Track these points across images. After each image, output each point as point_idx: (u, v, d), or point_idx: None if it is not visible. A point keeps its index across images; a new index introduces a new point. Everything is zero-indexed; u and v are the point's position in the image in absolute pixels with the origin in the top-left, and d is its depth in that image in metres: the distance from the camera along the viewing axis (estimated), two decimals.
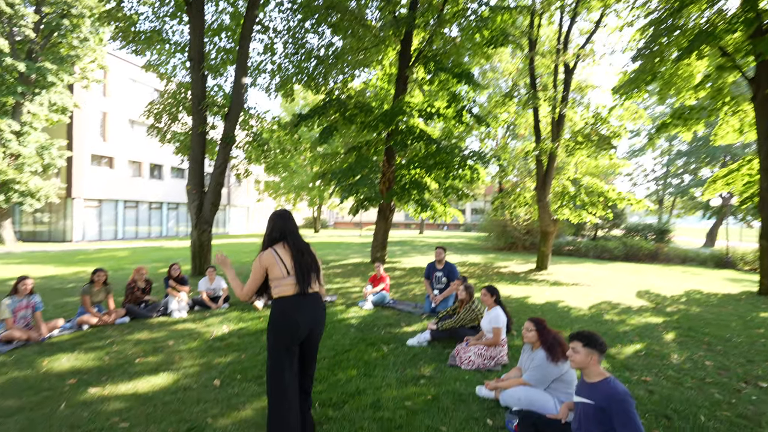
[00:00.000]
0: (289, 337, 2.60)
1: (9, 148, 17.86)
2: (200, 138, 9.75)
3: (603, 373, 2.55)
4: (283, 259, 2.68)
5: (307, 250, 2.79)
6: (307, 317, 2.65)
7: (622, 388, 2.44)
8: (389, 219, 12.91)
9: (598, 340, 2.56)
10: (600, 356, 2.55)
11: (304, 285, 2.65)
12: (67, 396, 3.46)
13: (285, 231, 2.77)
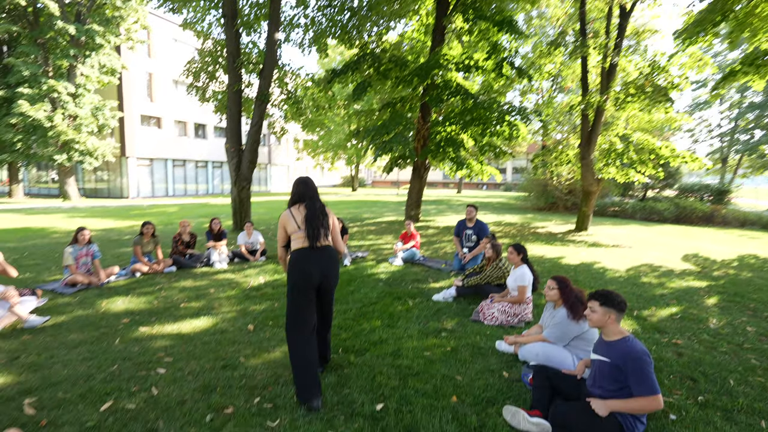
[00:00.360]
0: (302, 283, 2.85)
1: (67, 109, 19.02)
2: (236, 96, 9.90)
3: (622, 332, 2.51)
4: (296, 217, 2.99)
5: (321, 210, 3.04)
6: (317, 267, 2.90)
7: (641, 347, 2.40)
8: (424, 177, 12.77)
9: (615, 300, 2.49)
10: (618, 315, 2.49)
11: (313, 239, 2.92)
12: (121, 333, 3.87)
13: (303, 194, 3.08)
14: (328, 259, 2.98)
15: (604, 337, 2.59)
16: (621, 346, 2.43)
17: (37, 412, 2.55)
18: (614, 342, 2.49)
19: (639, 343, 2.43)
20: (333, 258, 3.03)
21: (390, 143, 10.37)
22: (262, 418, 2.52)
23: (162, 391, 2.81)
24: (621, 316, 2.51)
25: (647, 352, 2.39)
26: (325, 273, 2.93)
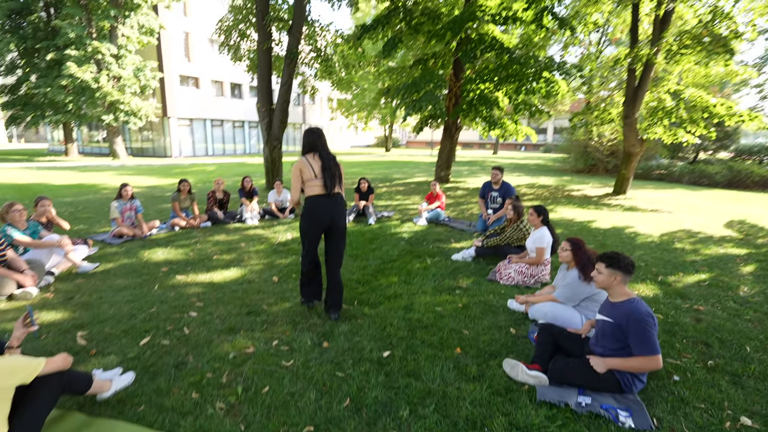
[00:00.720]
0: (315, 226, 3.27)
1: (111, 70, 19.75)
2: (266, 55, 9.91)
3: (628, 293, 2.51)
4: (312, 166, 3.22)
5: (333, 161, 3.28)
6: (328, 212, 3.25)
7: (645, 308, 2.40)
8: (455, 137, 12.50)
9: (621, 261, 2.47)
10: (624, 277, 2.48)
11: (329, 187, 3.21)
12: (160, 280, 4.26)
13: (316, 144, 3.30)
14: (338, 206, 3.30)
15: (610, 299, 2.60)
16: (625, 307, 2.44)
17: (88, 343, 2.93)
18: (619, 303, 2.50)
19: (644, 304, 2.43)
20: (342, 204, 3.35)
21: (420, 102, 10.15)
22: (278, 358, 2.77)
23: (192, 331, 3.13)
24: (628, 278, 2.50)
25: (651, 313, 2.39)
26: (335, 218, 3.28)
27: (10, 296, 3.70)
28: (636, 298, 2.48)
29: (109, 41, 19.94)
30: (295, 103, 37.92)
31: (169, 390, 2.40)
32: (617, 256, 2.52)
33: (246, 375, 2.57)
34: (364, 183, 7.59)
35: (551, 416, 2.23)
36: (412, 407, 2.29)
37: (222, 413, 2.22)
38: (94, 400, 2.29)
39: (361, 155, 32.33)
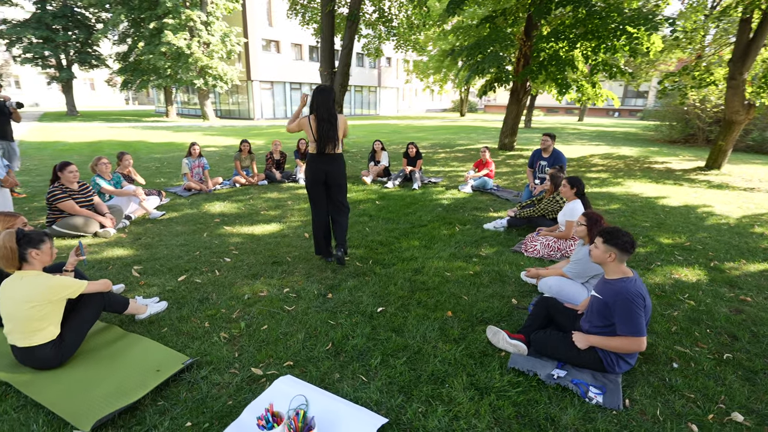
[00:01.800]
0: (312, 180, 3.67)
1: (201, 37, 21.38)
2: (329, 18, 10.04)
3: (624, 272, 2.38)
4: (312, 126, 3.53)
5: (330, 122, 3.50)
6: (323, 169, 3.62)
7: (635, 288, 2.27)
8: (523, 101, 11.75)
9: (619, 239, 2.34)
10: (620, 254, 2.35)
11: (321, 147, 3.54)
12: (210, 229, 4.85)
13: (318, 103, 3.49)
14: (333, 162, 3.62)
15: (605, 275, 2.50)
16: (617, 285, 2.33)
17: (140, 276, 3.53)
18: (612, 281, 2.40)
19: (637, 285, 2.30)
20: (337, 161, 3.65)
21: (483, 64, 9.64)
22: (284, 303, 3.11)
23: (222, 274, 3.60)
24: (624, 257, 2.36)
25: (641, 294, 2.26)
26: (329, 172, 3.61)
27: (95, 234, 4.51)
28: (631, 277, 2.35)
29: (200, 8, 21.45)
30: (371, 65, 37.88)
31: (189, 319, 2.86)
32: (615, 232, 2.39)
33: (252, 314, 2.95)
34: (412, 148, 7.60)
35: (515, 383, 2.28)
36: (384, 358, 2.48)
37: (223, 341, 2.61)
38: (133, 319, 2.83)
39: (432, 120, 31.69)
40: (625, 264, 2.42)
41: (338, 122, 3.56)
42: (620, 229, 2.39)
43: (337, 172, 3.67)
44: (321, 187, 3.69)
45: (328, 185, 3.71)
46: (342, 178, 3.72)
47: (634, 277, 2.37)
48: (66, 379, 2.23)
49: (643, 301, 2.26)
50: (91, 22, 25.36)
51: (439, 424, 1.98)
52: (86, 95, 46.67)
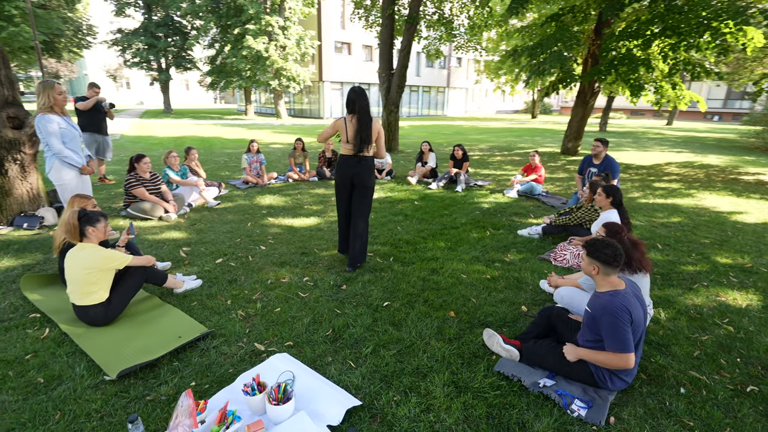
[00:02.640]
0: (340, 181, 3.76)
1: (278, 41, 22.86)
2: (389, 21, 10.28)
3: (613, 284, 2.27)
4: (348, 128, 3.57)
5: (367, 125, 3.55)
6: (351, 170, 3.66)
7: (621, 303, 2.17)
8: (590, 103, 11.05)
9: (601, 251, 2.24)
10: (603, 267, 2.25)
11: (357, 150, 3.57)
12: (255, 219, 5.31)
13: (356, 105, 3.55)
14: (363, 166, 3.67)
15: (596, 288, 2.41)
16: (603, 298, 2.25)
17: (186, 256, 4.02)
18: (600, 294, 2.31)
19: (624, 298, 2.19)
20: (367, 165, 3.69)
21: (544, 64, 9.26)
22: (300, 290, 3.37)
23: (254, 260, 3.97)
24: (609, 270, 2.25)
25: (627, 309, 2.15)
26: (358, 175, 3.67)
27: (159, 218, 5.17)
28: (620, 291, 2.24)
29: (278, 14, 22.94)
30: (440, 65, 37.69)
31: (216, 296, 3.23)
32: (597, 244, 2.29)
33: (270, 297, 3.25)
34: (459, 150, 7.57)
35: (496, 385, 2.30)
36: (375, 348, 2.62)
37: (239, 318, 2.93)
38: (171, 292, 3.26)
39: (500, 121, 30.75)
40: (616, 276, 2.31)
41: (372, 125, 3.66)
42: (604, 241, 2.29)
43: (366, 174, 3.71)
44: (349, 187, 3.75)
45: (354, 187, 3.75)
46: (369, 181, 3.76)
47: (624, 291, 2.25)
48: (108, 335, 2.67)
49: (629, 316, 2.15)
50: (186, 30, 28.25)
51: (409, 413, 2.08)
52: (182, 95, 51.94)
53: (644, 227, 5.32)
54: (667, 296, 3.44)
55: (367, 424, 2.02)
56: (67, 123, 3.70)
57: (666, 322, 3.05)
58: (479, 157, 11.26)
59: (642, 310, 2.31)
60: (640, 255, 2.80)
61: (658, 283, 3.68)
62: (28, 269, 3.62)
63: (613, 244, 2.29)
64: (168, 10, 27.05)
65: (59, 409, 2.06)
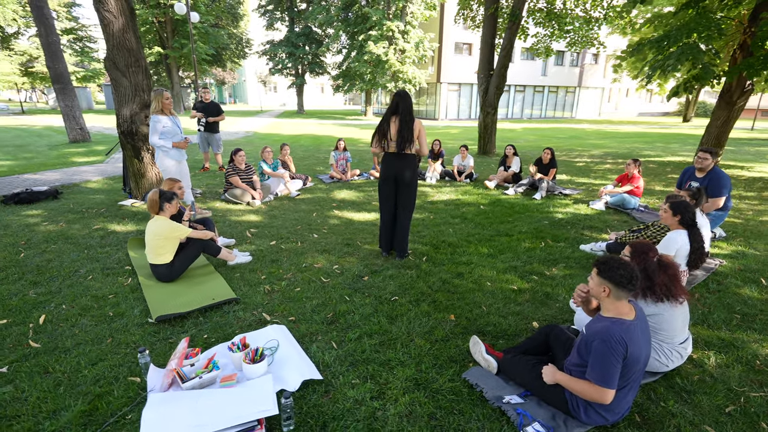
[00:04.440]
0: (385, 177, 3.93)
1: (398, 45, 23.83)
2: (491, 20, 9.99)
3: (620, 311, 2.01)
4: (391, 129, 3.77)
5: (409, 125, 3.72)
6: (394, 168, 3.86)
7: (619, 333, 1.92)
8: (737, 104, 9.09)
9: (613, 271, 1.99)
10: (615, 290, 1.99)
11: (400, 149, 3.76)
12: (323, 210, 5.85)
13: (399, 106, 3.72)
14: (405, 164, 3.85)
15: (601, 311, 2.17)
16: (603, 323, 2.02)
17: (251, 236, 4.70)
18: (602, 317, 2.08)
19: (627, 331, 1.93)
20: (409, 163, 3.86)
21: (668, 59, 7.95)
22: (326, 275, 3.70)
23: (302, 246, 4.44)
24: (622, 293, 2.00)
25: (623, 342, 1.89)
26: (402, 171, 3.85)
27: (247, 203, 6.07)
28: (624, 320, 1.98)
29: (399, 19, 23.90)
30: (572, 63, 34.62)
31: (255, 271, 3.76)
32: (611, 262, 2.04)
33: (297, 278, 3.65)
34: (547, 154, 7.06)
35: (456, 391, 2.28)
36: (361, 335, 2.79)
37: (264, 292, 3.39)
38: (225, 263, 3.91)
39: (639, 125, 26.93)
40: (626, 302, 2.05)
41: (414, 125, 3.79)
42: (618, 260, 2.04)
43: (409, 171, 3.89)
44: (392, 185, 3.92)
45: (397, 183, 3.94)
46: (412, 178, 3.93)
47: (630, 323, 1.98)
48: (166, 288, 3.38)
49: (623, 350, 1.91)
50: (321, 38, 31.31)
51: (357, 396, 2.23)
52: (317, 97, 57.61)
53: (758, 258, 4.33)
54: (734, 340, 2.84)
55: (317, 396, 2.23)
56: (172, 122, 4.68)
57: (712, 368, 2.55)
58: (584, 164, 10.22)
59: (646, 348, 2.03)
60: (667, 280, 2.42)
61: (732, 324, 3.04)
62: (141, 233, 4.68)
63: (627, 265, 2.03)
64: (307, 22, 30.36)
65: (112, 336, 2.75)
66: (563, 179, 8.35)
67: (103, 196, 6.35)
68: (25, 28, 26.81)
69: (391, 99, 3.80)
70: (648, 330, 2.10)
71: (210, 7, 29.09)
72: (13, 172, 8.06)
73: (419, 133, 3.81)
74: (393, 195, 4.01)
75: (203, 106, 8.08)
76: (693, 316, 3.13)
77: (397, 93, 3.76)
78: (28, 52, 27.04)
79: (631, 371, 1.95)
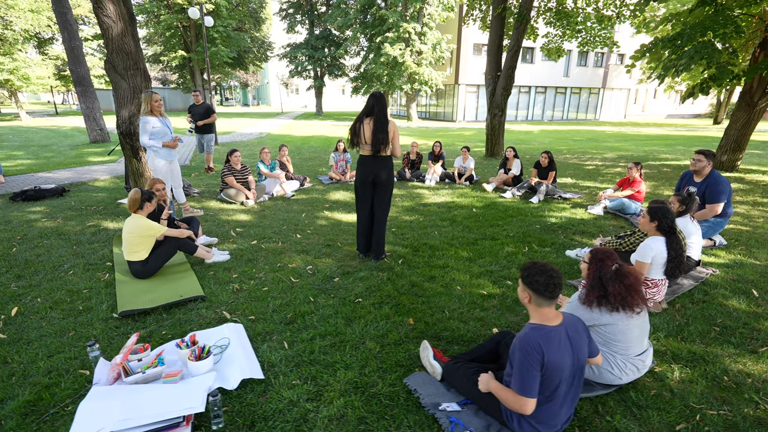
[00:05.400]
0: (360, 180, 3.94)
1: (414, 46, 23.77)
2: (498, 21, 9.84)
3: (545, 318, 1.96)
4: (365, 131, 3.77)
5: (383, 127, 3.72)
6: (371, 170, 3.85)
7: (535, 340, 1.87)
8: (758, 106, 8.64)
9: (533, 278, 1.93)
10: (535, 297, 1.94)
11: (375, 151, 3.77)
12: (312, 212, 5.88)
13: (374, 108, 3.74)
14: (381, 165, 3.85)
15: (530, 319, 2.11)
16: (524, 331, 1.98)
17: (235, 235, 4.77)
18: (529, 324, 2.03)
19: (545, 337, 1.88)
20: (385, 164, 3.86)
21: (679, 60, 7.63)
22: (296, 276, 3.72)
23: (283, 246, 4.48)
24: (541, 300, 1.94)
25: (539, 349, 1.84)
26: (376, 174, 3.85)
27: (241, 203, 6.17)
28: (545, 326, 1.92)
29: (416, 21, 23.84)
30: (596, 64, 33.71)
31: (229, 270, 3.82)
32: (531, 269, 1.97)
33: (268, 278, 3.68)
34: (545, 158, 6.89)
35: (394, 396, 2.25)
36: (314, 337, 2.78)
37: (231, 290, 3.43)
38: (203, 261, 3.98)
39: (663, 127, 25.96)
40: (551, 308, 1.98)
41: (388, 126, 3.80)
42: (540, 266, 1.97)
43: (385, 173, 3.88)
44: (369, 187, 3.93)
45: (374, 185, 3.96)
46: (389, 179, 3.92)
47: (553, 328, 1.92)
48: (139, 284, 3.47)
49: (539, 357, 1.85)
50: (339, 41, 31.57)
51: (293, 397, 2.23)
52: (338, 99, 58.06)
53: (755, 268, 4.09)
54: (705, 353, 2.69)
55: (254, 396, 2.24)
56: (161, 123, 4.82)
57: (673, 383, 2.43)
58: (594, 168, 9.91)
59: (575, 356, 1.95)
60: (623, 289, 2.32)
61: (709, 337, 2.88)
62: None
63: (549, 272, 1.96)
64: (326, 25, 30.68)
65: (75, 329, 2.84)
66: (568, 182, 8.12)
67: (106, 194, 6.59)
68: (58, 33, 28.17)
69: (367, 100, 3.80)
70: (581, 338, 2.01)
71: (232, 11, 29.78)
72: (30, 171, 8.47)
73: (393, 135, 3.80)
74: (370, 197, 4.01)
75: (195, 109, 8.25)
76: (668, 327, 2.99)
77: (372, 95, 3.78)
78: (61, 56, 28.39)
79: (553, 380, 1.87)
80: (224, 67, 31.81)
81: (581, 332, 2.03)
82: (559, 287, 1.92)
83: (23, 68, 20.80)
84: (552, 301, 1.94)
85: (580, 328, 2.04)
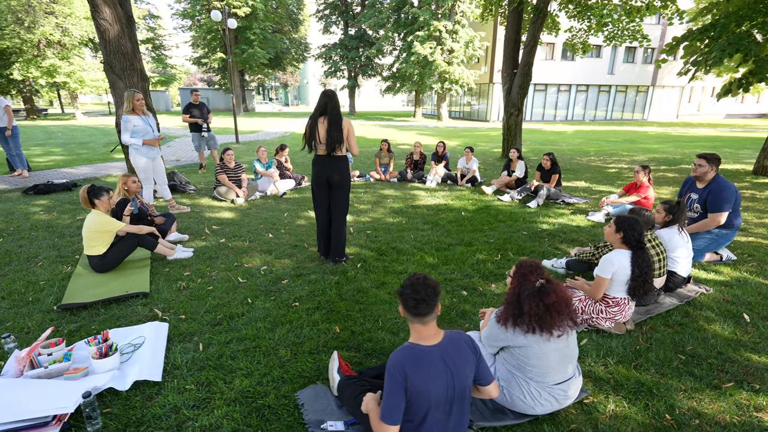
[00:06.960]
0: (316, 182, 3.85)
1: (446, 45, 23.34)
2: (515, 16, 9.38)
3: (420, 336, 1.75)
4: (320, 130, 3.66)
5: (337, 126, 3.62)
6: (326, 169, 3.77)
7: (399, 360, 1.68)
8: None
9: (404, 290, 1.75)
10: (407, 313, 1.76)
11: (330, 150, 3.66)
12: (298, 211, 5.84)
13: (326, 107, 3.62)
14: (336, 165, 3.76)
15: None
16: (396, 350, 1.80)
17: (209, 233, 4.82)
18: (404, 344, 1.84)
19: (412, 358, 1.70)
20: (340, 163, 3.78)
21: (709, 53, 6.91)
22: (247, 276, 3.68)
23: (250, 245, 4.46)
24: (411, 317, 1.74)
25: (403, 370, 1.65)
26: (334, 173, 3.77)
27: (232, 201, 6.26)
28: (417, 346, 1.73)
29: (447, 19, 23.40)
30: (645, 60, 31.61)
31: (185, 267, 3.84)
32: (408, 280, 1.78)
33: (217, 277, 3.66)
34: (547, 160, 6.47)
35: (282, 409, 2.13)
36: (231, 340, 2.71)
37: (176, 288, 3.44)
38: (164, 258, 4.04)
39: (716, 128, 23.89)
40: (429, 325, 1.77)
41: (342, 125, 3.71)
42: (417, 279, 1.77)
43: (341, 173, 3.80)
44: (325, 187, 3.83)
45: (331, 186, 3.84)
46: (345, 179, 3.84)
47: (424, 348, 1.72)
48: (93, 279, 3.56)
49: (402, 380, 1.66)
50: (373, 41, 31.65)
51: (178, 402, 2.16)
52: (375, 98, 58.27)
53: (760, 288, 3.58)
54: (656, 385, 2.36)
55: (141, 399, 2.19)
56: (143, 122, 4.95)
57: (603, 417, 2.14)
58: (616, 171, 9.22)
59: (451, 381, 1.73)
60: (542, 309, 2.07)
61: (669, 366, 2.53)
62: None
63: (419, 286, 1.77)
64: (361, 25, 30.86)
65: (14, 320, 2.94)
66: (579, 186, 7.60)
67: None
68: None
69: (318, 98, 3.68)
70: (463, 361, 1.77)
71: (270, 14, 30.64)
72: (57, 166, 9.08)
73: (348, 133, 3.68)
74: (327, 198, 3.90)
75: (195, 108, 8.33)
76: (624, 351, 2.67)
77: (324, 93, 3.67)
78: None
79: (420, 406, 1.67)
80: (262, 68, 32.83)
81: (465, 355, 1.81)
82: (425, 305, 1.72)
83: (78, 71, 22.43)
84: (420, 319, 1.74)
85: (466, 351, 1.82)
